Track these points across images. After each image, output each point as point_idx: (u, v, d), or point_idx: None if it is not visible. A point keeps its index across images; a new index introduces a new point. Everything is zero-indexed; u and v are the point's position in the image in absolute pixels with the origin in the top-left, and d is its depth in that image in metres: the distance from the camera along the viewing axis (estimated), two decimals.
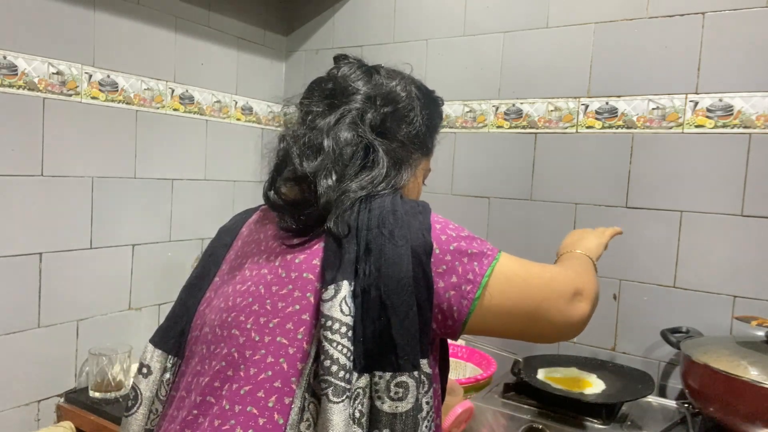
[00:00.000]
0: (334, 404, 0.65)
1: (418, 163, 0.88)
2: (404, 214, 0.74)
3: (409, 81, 0.89)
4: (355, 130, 0.80)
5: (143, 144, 1.54)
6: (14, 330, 1.30)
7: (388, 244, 0.71)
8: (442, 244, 0.73)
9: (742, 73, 1.29)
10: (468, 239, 0.75)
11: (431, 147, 0.93)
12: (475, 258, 0.73)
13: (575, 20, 1.48)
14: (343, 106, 0.81)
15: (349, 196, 0.76)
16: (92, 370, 1.39)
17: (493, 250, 0.76)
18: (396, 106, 0.84)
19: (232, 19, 1.79)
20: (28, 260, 1.32)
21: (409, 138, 0.85)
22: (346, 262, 0.71)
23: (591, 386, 1.27)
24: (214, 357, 0.74)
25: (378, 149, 0.80)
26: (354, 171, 0.78)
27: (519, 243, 1.58)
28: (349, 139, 0.79)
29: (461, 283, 0.72)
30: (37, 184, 1.32)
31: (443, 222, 0.77)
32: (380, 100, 0.83)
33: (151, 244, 1.58)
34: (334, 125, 0.79)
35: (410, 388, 0.68)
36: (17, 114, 1.28)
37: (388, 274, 0.69)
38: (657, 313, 1.38)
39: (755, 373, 1.04)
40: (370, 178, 0.78)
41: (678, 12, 1.35)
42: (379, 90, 0.84)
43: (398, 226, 0.72)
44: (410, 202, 0.78)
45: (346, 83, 0.84)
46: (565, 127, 1.51)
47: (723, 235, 1.31)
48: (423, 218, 0.75)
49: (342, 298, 0.69)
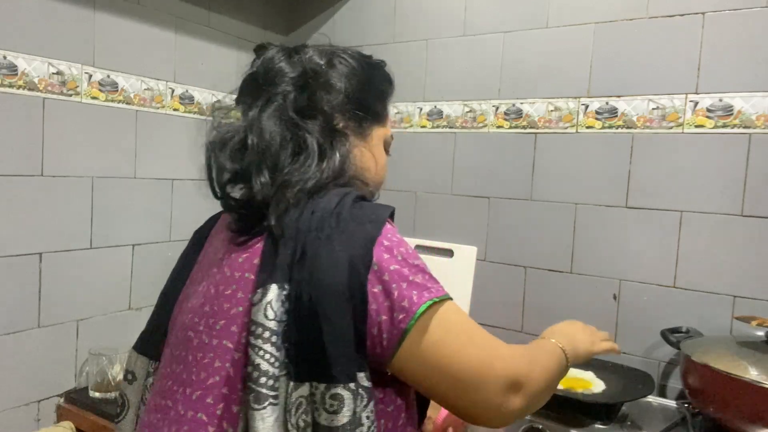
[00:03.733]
0: (256, 411, 0.63)
1: (365, 132, 0.83)
2: (351, 219, 0.69)
3: (336, 50, 0.84)
4: (278, 117, 0.75)
5: (143, 144, 1.54)
6: (14, 330, 1.30)
7: (324, 249, 0.66)
8: (383, 262, 0.67)
9: (742, 73, 1.29)
10: (415, 268, 0.68)
11: (382, 113, 0.88)
12: (415, 287, 0.66)
13: (575, 20, 1.48)
14: (267, 94, 0.77)
15: (293, 190, 0.71)
16: (92, 370, 1.39)
17: (440, 290, 0.68)
18: (318, 78, 0.79)
19: (232, 19, 1.79)
20: (28, 260, 1.32)
21: (342, 107, 0.80)
22: (279, 264, 0.67)
23: (591, 386, 1.27)
24: (174, 360, 0.74)
25: (303, 129, 0.75)
26: (287, 160, 0.73)
27: (519, 243, 1.58)
28: (273, 127, 0.74)
29: (394, 309, 0.65)
30: (37, 184, 1.32)
31: (396, 241, 0.70)
32: (302, 77, 0.78)
33: (151, 244, 1.58)
34: (257, 116, 0.76)
35: (345, 400, 0.63)
36: (17, 114, 1.28)
37: (320, 280, 0.65)
38: (657, 313, 1.38)
39: (755, 373, 1.04)
40: (307, 163, 0.73)
41: (678, 12, 1.35)
42: (300, 67, 0.79)
43: (339, 230, 0.67)
44: (365, 208, 0.72)
45: (269, 69, 0.79)
46: (565, 127, 1.51)
47: (723, 235, 1.31)
48: (372, 228, 0.69)
49: (267, 303, 0.65)
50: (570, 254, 1.50)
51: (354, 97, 0.81)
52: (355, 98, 0.81)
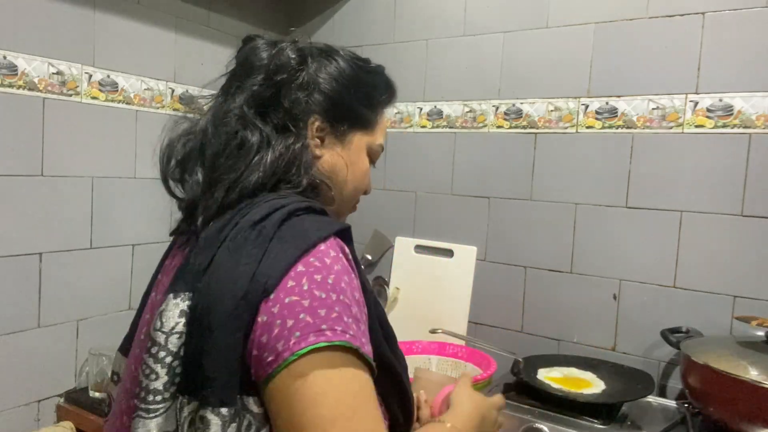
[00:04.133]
0: (133, 423, 0.61)
1: (344, 136, 0.79)
2: (275, 236, 0.61)
3: (330, 49, 0.80)
4: (234, 110, 0.71)
5: (143, 144, 1.54)
6: (14, 330, 1.30)
7: (228, 260, 0.60)
8: (282, 291, 0.58)
9: (742, 73, 1.29)
10: (320, 301, 0.57)
11: (369, 119, 0.82)
12: (300, 328, 0.56)
13: (575, 20, 1.48)
14: (237, 85, 0.74)
15: (220, 190, 0.67)
16: (92, 370, 1.39)
17: (340, 335, 0.56)
18: (290, 73, 0.74)
19: (232, 19, 1.79)
20: (28, 260, 1.32)
21: (320, 107, 0.75)
22: (187, 272, 0.63)
23: (591, 386, 1.27)
24: (128, 365, 0.73)
25: (253, 124, 0.70)
26: (228, 157, 0.68)
27: (519, 243, 1.58)
28: (224, 121, 0.70)
29: (266, 348, 0.56)
30: (37, 184, 1.32)
31: (317, 267, 0.60)
32: (274, 71, 0.73)
33: (151, 244, 1.58)
34: (214, 108, 0.73)
35: (211, 426, 0.56)
36: (17, 114, 1.28)
37: (216, 292, 0.59)
38: (657, 313, 1.38)
39: (755, 373, 1.04)
40: (241, 160, 0.68)
41: (678, 12, 1.35)
42: (274, 60, 0.74)
43: (251, 243, 0.61)
44: (298, 225, 0.63)
45: (245, 60, 0.77)
46: (565, 127, 1.51)
47: (723, 235, 1.31)
48: (291, 250, 0.60)
49: (160, 313, 0.62)
50: (570, 254, 1.50)
51: (336, 98, 0.77)
52: (337, 100, 0.77)
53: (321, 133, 0.76)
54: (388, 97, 0.86)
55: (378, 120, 0.84)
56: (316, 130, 0.76)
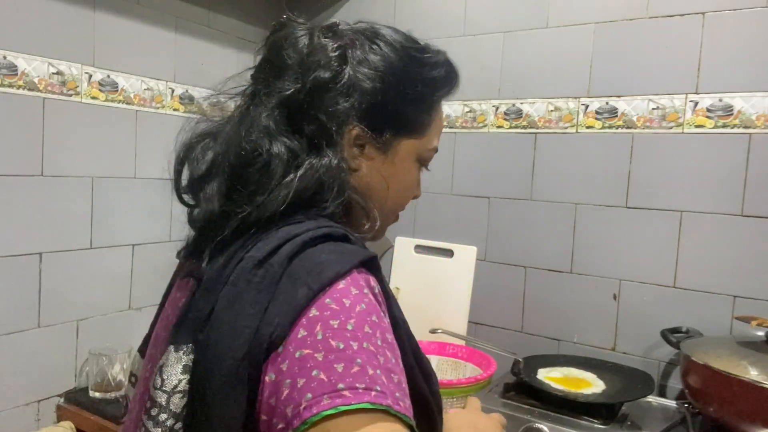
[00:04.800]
0: None
1: (387, 145, 0.67)
2: (284, 273, 0.52)
3: (375, 34, 0.67)
4: (254, 120, 0.61)
5: (143, 144, 1.54)
6: (14, 330, 1.30)
7: (228, 311, 0.52)
8: (293, 343, 0.49)
9: (742, 73, 1.29)
10: (334, 359, 0.47)
11: (421, 121, 0.69)
12: (312, 388, 0.46)
13: (575, 20, 1.48)
14: (264, 86, 0.64)
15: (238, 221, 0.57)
16: (92, 370, 1.39)
17: (356, 396, 0.45)
18: (329, 76, 0.62)
19: (232, 19, 1.79)
20: (28, 260, 1.32)
21: (359, 112, 0.63)
22: (189, 320, 0.55)
23: (591, 386, 1.27)
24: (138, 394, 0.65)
25: (278, 140, 0.59)
26: (252, 181, 0.59)
27: (519, 243, 1.58)
28: (245, 134, 0.60)
29: (275, 414, 0.48)
30: (37, 184, 1.32)
31: (333, 313, 0.50)
32: (307, 74, 0.62)
33: (151, 244, 1.58)
34: (234, 116, 0.64)
35: None
36: (17, 114, 1.28)
37: (215, 350, 0.51)
38: (657, 313, 1.38)
39: (755, 373, 1.04)
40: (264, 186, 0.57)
41: (678, 12, 1.35)
42: (310, 59, 0.63)
43: (254, 288, 0.52)
44: (314, 258, 0.54)
45: (277, 57, 0.65)
46: (565, 127, 1.51)
47: (723, 235, 1.31)
48: (303, 292, 0.51)
49: (160, 367, 0.54)
50: (570, 254, 1.50)
51: (380, 101, 0.64)
52: (380, 103, 0.64)
53: (360, 141, 0.65)
54: (449, 91, 0.73)
55: (432, 121, 0.71)
56: (355, 138, 0.65)
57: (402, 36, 0.69)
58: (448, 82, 0.72)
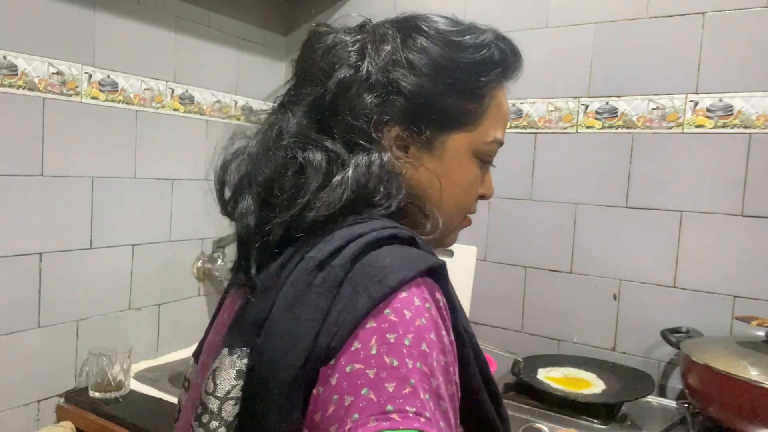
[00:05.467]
0: None
1: (431, 142, 0.62)
2: (342, 276, 0.49)
3: (414, 27, 0.63)
4: (284, 128, 0.59)
5: (143, 144, 1.54)
6: (14, 330, 1.30)
7: (287, 314, 0.49)
8: (345, 355, 0.46)
9: (742, 73, 1.29)
10: (387, 377, 0.44)
11: (474, 112, 0.64)
12: (360, 408, 0.43)
13: (575, 20, 1.48)
14: (299, 90, 0.62)
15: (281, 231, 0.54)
16: (92, 370, 1.39)
17: (406, 421, 0.42)
18: (349, 72, 0.59)
19: (232, 19, 1.79)
20: (28, 260, 1.32)
21: (399, 112, 0.60)
22: (245, 323, 0.52)
23: (591, 386, 1.27)
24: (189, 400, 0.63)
25: (311, 145, 0.57)
26: (286, 189, 0.55)
27: (519, 243, 1.58)
28: (274, 143, 0.58)
29: (320, 430, 0.46)
30: (37, 184, 1.32)
31: (390, 325, 0.47)
32: (327, 73, 0.60)
33: (151, 244, 1.58)
34: (267, 122, 0.62)
35: None
36: (17, 114, 1.28)
37: (273, 355, 0.48)
38: (657, 313, 1.38)
39: (755, 373, 1.04)
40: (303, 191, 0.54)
41: (678, 12, 1.35)
42: (328, 57, 0.61)
43: (315, 291, 0.49)
44: (378, 262, 0.50)
45: (304, 64, 0.63)
46: (565, 127, 1.51)
47: (723, 235, 1.31)
48: (364, 301, 0.47)
49: (213, 371, 0.52)
50: (570, 254, 1.50)
51: (418, 96, 0.60)
52: (419, 98, 0.60)
53: (401, 141, 0.61)
54: (503, 72, 0.66)
55: (485, 109, 0.65)
56: (395, 139, 0.61)
57: (442, 21, 0.64)
58: (499, 63, 0.65)
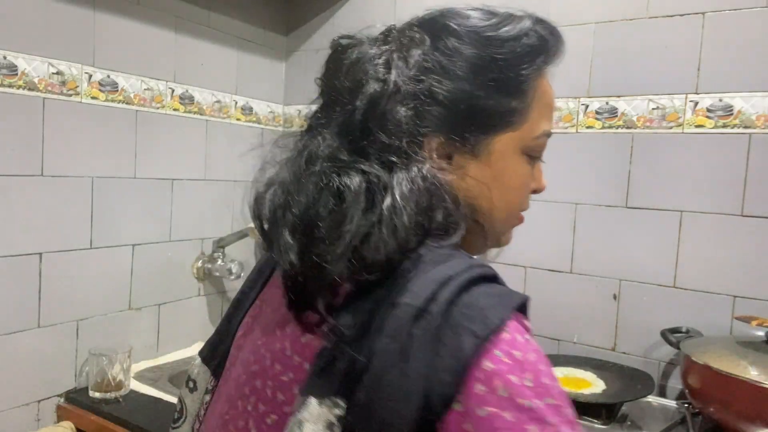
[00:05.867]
0: None
1: (476, 147, 0.58)
2: (444, 323, 0.47)
3: (444, 29, 0.57)
4: (314, 152, 0.54)
5: (143, 144, 1.54)
6: (14, 330, 1.30)
7: (392, 371, 0.46)
8: (472, 399, 0.45)
9: (742, 73, 1.29)
10: (527, 419, 0.44)
11: (518, 108, 0.59)
12: None
13: (575, 20, 1.48)
14: (329, 108, 0.58)
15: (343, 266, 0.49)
16: (92, 370, 1.39)
17: None
18: (377, 85, 0.54)
19: (232, 19, 1.79)
20: (28, 260, 1.32)
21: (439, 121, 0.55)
22: (336, 373, 0.48)
23: (591, 386, 1.27)
24: (229, 421, 0.60)
25: (346, 168, 0.52)
26: (327, 219, 0.51)
27: (519, 243, 1.57)
28: (305, 169, 0.54)
29: None
30: (37, 184, 1.32)
31: (509, 367, 0.46)
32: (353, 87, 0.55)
33: (151, 244, 1.58)
34: (297, 147, 0.57)
35: None
36: (17, 114, 1.28)
37: (381, 415, 0.45)
38: (657, 313, 1.38)
39: (755, 373, 1.04)
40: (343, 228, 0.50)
41: (678, 12, 1.35)
42: (355, 73, 0.55)
43: (417, 341, 0.46)
44: (474, 302, 0.49)
45: (325, 81, 0.59)
46: (566, 127, 1.51)
47: (723, 235, 1.31)
48: (470, 344, 0.46)
49: (298, 422, 0.47)
50: (570, 254, 1.50)
51: (456, 101, 0.56)
52: (457, 103, 0.56)
53: (443, 151, 0.57)
54: (545, 60, 0.61)
55: (530, 103, 0.60)
56: (436, 149, 0.56)
57: (474, 16, 0.58)
58: (541, 51, 0.60)
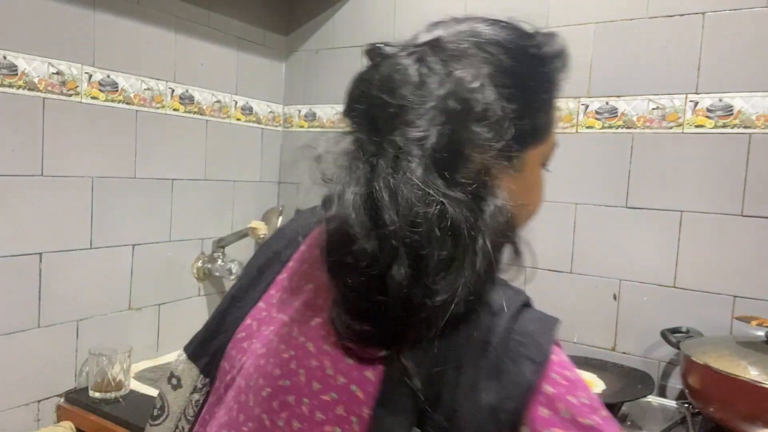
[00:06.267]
0: None
1: (519, 163, 0.59)
2: (503, 351, 0.50)
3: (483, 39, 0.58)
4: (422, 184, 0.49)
5: (143, 144, 1.54)
6: (14, 330, 1.30)
7: (466, 402, 0.48)
8: (537, 421, 0.48)
9: (742, 73, 1.29)
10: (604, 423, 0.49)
11: (548, 123, 0.62)
12: None
13: (575, 20, 1.48)
14: (390, 134, 0.52)
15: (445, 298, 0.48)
16: (92, 370, 1.39)
17: None
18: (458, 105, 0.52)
19: (232, 19, 1.79)
20: (28, 260, 1.32)
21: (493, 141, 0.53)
22: (405, 405, 0.49)
23: (591, 386, 1.27)
24: (241, 425, 0.59)
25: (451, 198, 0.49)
26: (436, 258, 0.49)
27: None
28: (417, 203, 0.49)
29: None
30: (37, 184, 1.32)
31: (566, 385, 0.50)
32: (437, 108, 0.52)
33: (151, 244, 1.58)
34: (392, 175, 0.50)
35: None
36: (17, 114, 1.28)
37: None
38: (657, 313, 1.38)
39: (755, 373, 1.04)
40: (457, 266, 0.49)
41: (678, 12, 1.35)
42: (440, 92, 0.52)
43: (484, 374, 0.49)
44: (526, 330, 0.52)
45: (387, 95, 0.54)
46: (566, 127, 1.51)
47: (723, 236, 1.31)
48: (531, 370, 0.49)
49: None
50: (570, 254, 1.50)
51: (511, 119, 0.55)
52: (526, 126, 0.57)
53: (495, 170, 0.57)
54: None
55: (554, 118, 0.64)
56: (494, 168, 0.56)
57: (512, 32, 0.59)
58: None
